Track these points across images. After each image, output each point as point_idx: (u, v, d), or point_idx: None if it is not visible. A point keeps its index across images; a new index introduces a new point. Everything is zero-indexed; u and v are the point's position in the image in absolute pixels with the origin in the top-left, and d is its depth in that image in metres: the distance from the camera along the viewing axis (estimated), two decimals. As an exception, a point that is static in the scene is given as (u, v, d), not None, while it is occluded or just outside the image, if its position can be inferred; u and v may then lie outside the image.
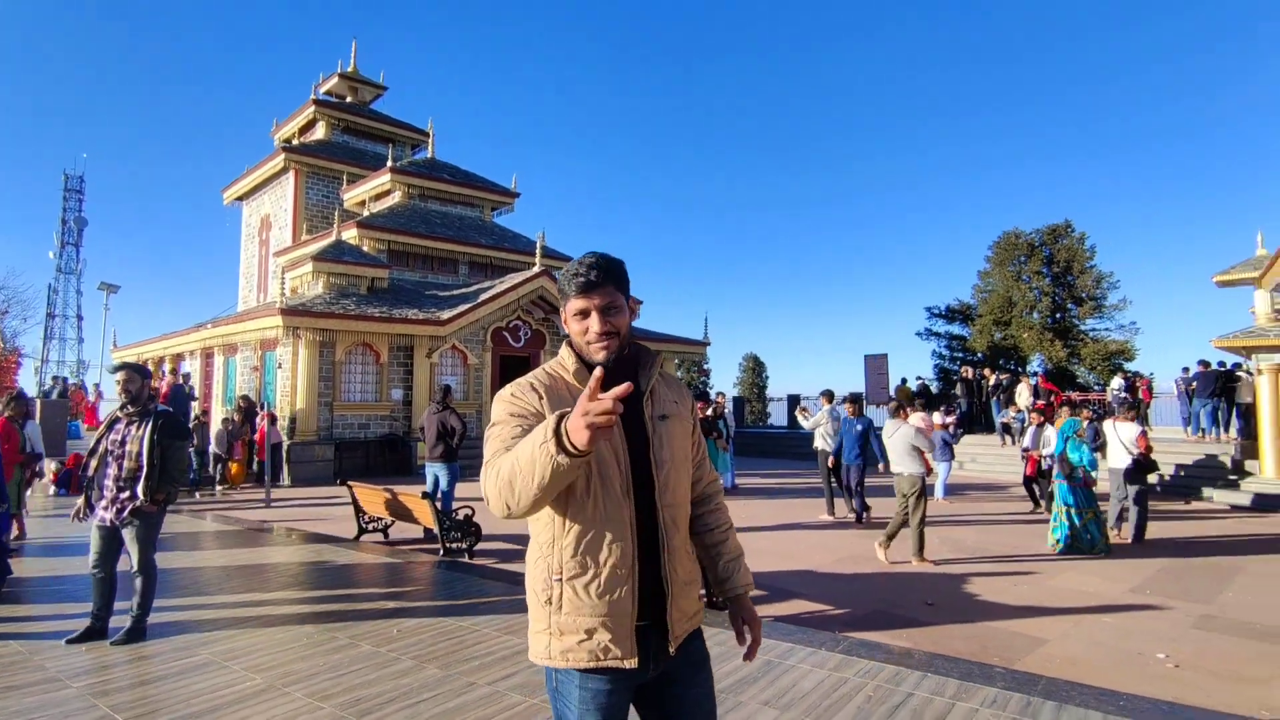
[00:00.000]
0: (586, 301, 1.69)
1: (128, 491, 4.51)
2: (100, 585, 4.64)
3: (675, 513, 1.73)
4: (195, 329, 20.37)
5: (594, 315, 1.69)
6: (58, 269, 55.90)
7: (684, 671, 1.75)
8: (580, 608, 1.61)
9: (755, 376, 43.95)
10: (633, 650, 1.61)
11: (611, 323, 1.70)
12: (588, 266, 1.69)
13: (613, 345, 1.71)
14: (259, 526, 9.57)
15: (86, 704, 3.61)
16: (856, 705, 3.55)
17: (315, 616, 5.24)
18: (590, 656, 1.60)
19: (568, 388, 1.71)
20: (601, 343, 1.70)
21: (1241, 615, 6.04)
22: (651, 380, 1.77)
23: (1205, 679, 4.59)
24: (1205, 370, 15.37)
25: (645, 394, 1.75)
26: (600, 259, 1.71)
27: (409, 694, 3.72)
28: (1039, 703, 3.56)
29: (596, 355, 1.72)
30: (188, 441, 4.87)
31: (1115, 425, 9.67)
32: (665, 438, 1.73)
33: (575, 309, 1.71)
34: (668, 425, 1.75)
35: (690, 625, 1.74)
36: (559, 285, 1.77)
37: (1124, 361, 31.31)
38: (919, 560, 7.69)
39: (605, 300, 1.69)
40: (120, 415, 4.70)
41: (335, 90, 27.39)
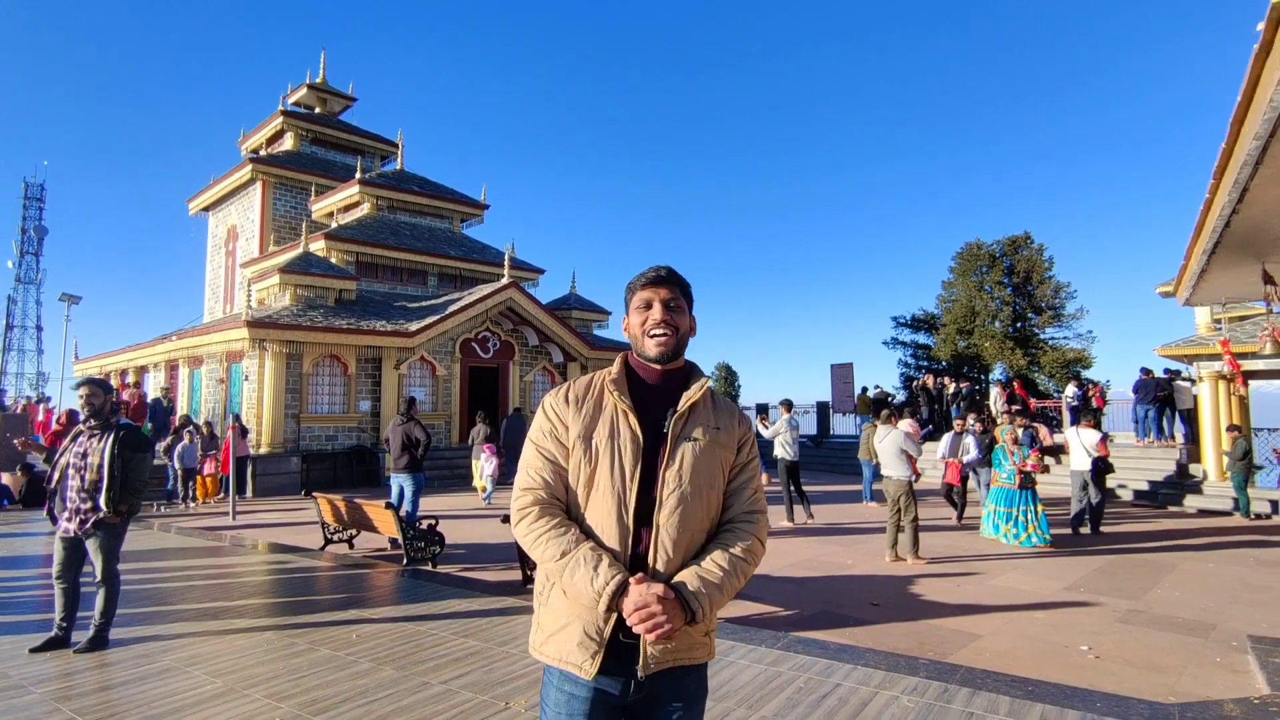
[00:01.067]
0: (653, 293, 1.74)
1: (90, 503, 4.62)
2: (64, 595, 4.74)
3: (675, 536, 1.63)
4: (159, 341, 20.16)
5: (657, 304, 1.73)
6: (17, 279, 54.57)
7: (670, 704, 1.68)
8: (561, 608, 1.64)
9: (727, 385, 44.37)
10: (592, 661, 1.59)
11: (672, 316, 1.73)
12: (658, 267, 1.78)
13: (668, 342, 1.72)
14: (224, 538, 9.59)
15: (49, 709, 3.72)
16: (787, 696, 3.80)
17: (277, 624, 5.37)
18: (555, 655, 1.64)
19: (600, 396, 1.72)
20: (660, 333, 1.72)
21: (1166, 610, 6.41)
22: (691, 400, 1.72)
23: (1122, 668, 4.93)
24: (1147, 378, 16.01)
25: (674, 415, 1.70)
26: (669, 267, 1.79)
27: (365, 693, 3.90)
28: (955, 689, 3.85)
29: (651, 349, 1.73)
30: (149, 454, 4.97)
31: (1079, 431, 10.40)
32: (684, 459, 1.67)
33: (640, 301, 1.75)
34: (692, 448, 1.68)
35: (676, 657, 1.64)
36: (627, 287, 1.81)
37: (1081, 369, 32.30)
38: (914, 558, 8.05)
39: (670, 295, 1.75)
40: (83, 429, 4.81)
41: (304, 101, 27.34)
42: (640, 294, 1.75)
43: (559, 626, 1.64)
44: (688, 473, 1.65)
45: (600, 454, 1.66)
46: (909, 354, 38.09)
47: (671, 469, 1.65)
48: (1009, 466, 9.59)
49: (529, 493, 1.68)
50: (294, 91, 27.26)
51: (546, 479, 1.68)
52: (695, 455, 1.67)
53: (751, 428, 1.84)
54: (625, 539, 1.61)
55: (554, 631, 1.64)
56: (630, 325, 1.77)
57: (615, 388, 1.71)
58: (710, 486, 1.69)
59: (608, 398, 1.72)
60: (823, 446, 22.19)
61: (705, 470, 1.68)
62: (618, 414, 1.69)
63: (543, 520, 1.64)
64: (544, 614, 1.69)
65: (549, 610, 1.67)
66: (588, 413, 1.70)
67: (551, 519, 1.64)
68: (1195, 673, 4.87)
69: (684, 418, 1.70)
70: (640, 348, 1.75)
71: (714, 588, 1.59)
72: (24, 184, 54.76)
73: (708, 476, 1.68)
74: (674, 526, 1.62)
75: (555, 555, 1.58)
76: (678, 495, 1.63)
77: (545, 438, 1.71)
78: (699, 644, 1.69)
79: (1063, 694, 3.83)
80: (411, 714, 3.63)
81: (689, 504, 1.64)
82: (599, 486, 1.64)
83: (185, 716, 3.61)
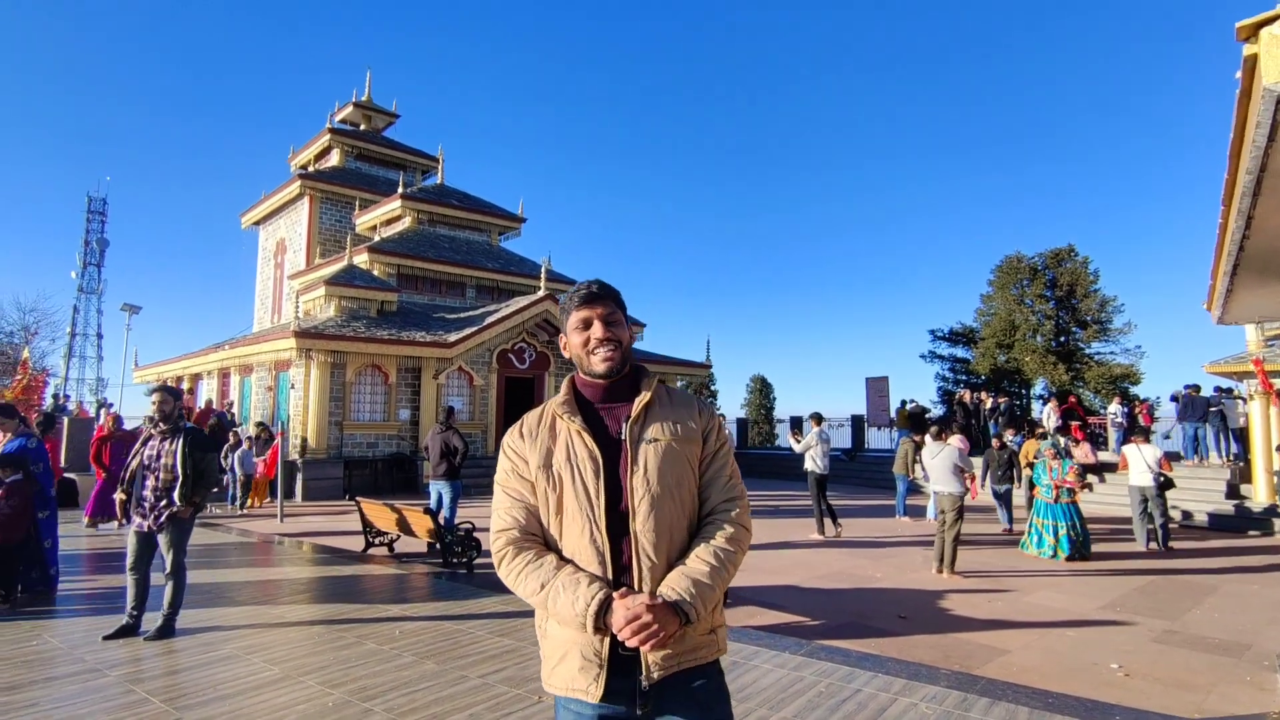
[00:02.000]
0: (590, 311, 1.74)
1: (165, 500, 5.02)
2: (135, 585, 5.15)
3: (652, 541, 1.61)
4: (213, 349, 21.05)
5: (596, 322, 1.73)
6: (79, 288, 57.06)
7: (684, 709, 1.63)
8: (558, 638, 1.64)
9: (762, 398, 44.23)
10: (596, 684, 1.57)
11: (613, 331, 1.73)
12: (589, 283, 1.78)
13: (614, 356, 1.72)
14: (273, 540, 10.04)
15: (124, 689, 4.07)
16: (807, 699, 3.95)
17: (326, 619, 5.70)
18: (562, 684, 1.63)
19: (552, 423, 1.74)
20: (604, 350, 1.72)
21: (1202, 631, 6.34)
22: (643, 401, 1.72)
23: (1151, 686, 4.94)
24: (1194, 395, 15.65)
25: (631, 421, 1.70)
26: (600, 280, 1.80)
27: (408, 683, 4.17)
28: (974, 699, 3.95)
29: (597, 366, 1.73)
30: (216, 454, 5.41)
31: (1140, 448, 10.54)
32: (648, 462, 1.65)
33: (578, 320, 1.75)
34: (654, 449, 1.67)
35: (680, 661, 1.61)
36: (561, 308, 1.83)
37: (1129, 385, 31.46)
38: (949, 573, 8.14)
39: (606, 311, 1.75)
40: (154, 432, 5.21)
41: (350, 118, 28.33)
42: (577, 314, 1.75)
43: (560, 656, 1.63)
44: (654, 474, 1.64)
45: (563, 478, 1.66)
46: (946, 368, 37.56)
47: (637, 475, 1.63)
48: (1047, 480, 9.62)
49: (502, 534, 1.68)
50: (340, 110, 28.29)
51: (517, 517, 1.69)
52: (659, 456, 1.66)
53: (715, 415, 1.82)
54: (603, 557, 1.60)
55: (556, 662, 1.63)
56: (572, 345, 1.77)
57: (565, 410, 1.71)
58: (680, 484, 1.67)
59: (560, 423, 1.72)
60: (857, 460, 22.06)
61: (672, 468, 1.66)
62: (572, 436, 1.69)
63: (520, 558, 1.63)
64: (546, 646, 1.68)
65: (549, 641, 1.66)
66: (543, 442, 1.70)
67: (526, 554, 1.64)
68: (1223, 691, 4.86)
69: (639, 421, 1.69)
70: (587, 366, 1.75)
71: (703, 585, 1.56)
72: (87, 198, 57.38)
73: (675, 474, 1.66)
74: (651, 531, 1.61)
75: (535, 589, 1.58)
76: (649, 500, 1.62)
77: (509, 476, 1.73)
78: (703, 643, 1.65)
79: (1082, 707, 3.90)
80: (452, 703, 3.88)
81: (661, 506, 1.62)
82: (567, 511, 1.64)
83: (249, 698, 3.92)
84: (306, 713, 3.74)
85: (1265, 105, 1.94)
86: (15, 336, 29.07)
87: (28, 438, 6.37)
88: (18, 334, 29.23)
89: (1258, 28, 1.88)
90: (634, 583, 1.59)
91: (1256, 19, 1.88)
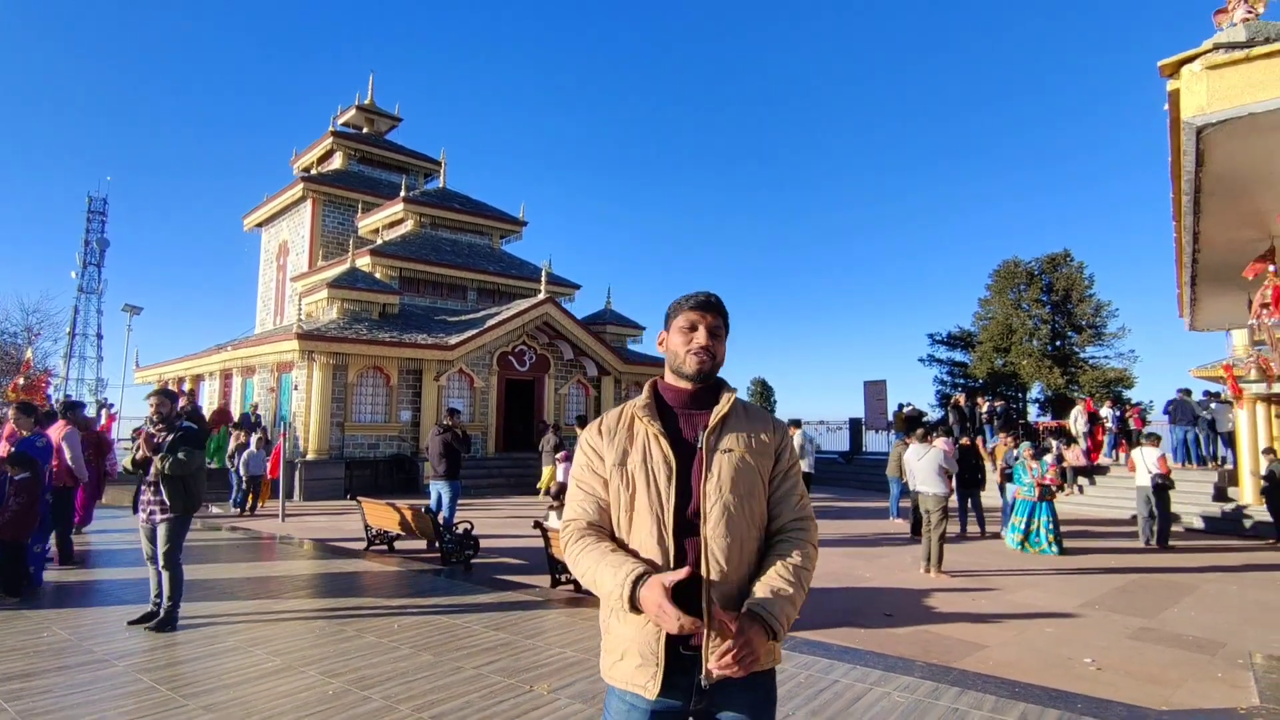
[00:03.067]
0: (700, 316, 1.82)
1: (158, 496, 5.24)
2: (156, 575, 5.39)
3: (725, 545, 1.67)
4: (215, 351, 21.24)
5: (703, 329, 1.81)
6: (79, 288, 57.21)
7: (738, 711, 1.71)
8: (621, 634, 1.71)
9: (763, 400, 44.49)
10: (654, 681, 1.64)
11: (714, 343, 1.82)
12: (707, 293, 1.86)
13: (706, 364, 1.80)
14: (275, 538, 10.22)
15: (132, 678, 4.26)
16: (787, 689, 4.13)
17: (326, 614, 5.89)
18: (622, 679, 1.71)
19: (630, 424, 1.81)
20: (699, 356, 1.80)
21: (1178, 629, 6.51)
22: (721, 413, 1.79)
23: (1122, 679, 5.11)
24: (1184, 400, 15.81)
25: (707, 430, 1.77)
26: (716, 295, 1.88)
27: (405, 674, 4.35)
28: (945, 688, 4.13)
29: (690, 365, 1.80)
30: (203, 451, 5.56)
31: (1142, 450, 11.02)
32: (722, 471, 1.72)
33: (686, 321, 1.82)
34: (728, 459, 1.74)
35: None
36: (670, 308, 1.89)
37: (1123, 389, 31.66)
38: (936, 572, 8.32)
39: (715, 322, 1.84)
40: (153, 432, 5.39)
41: (352, 121, 28.56)
42: (687, 314, 1.83)
43: (620, 653, 1.70)
44: (727, 483, 1.71)
45: (636, 478, 1.73)
46: (945, 371, 37.81)
47: (711, 481, 1.71)
48: (1028, 480, 9.89)
49: (572, 523, 1.78)
50: (343, 113, 28.51)
51: (587, 509, 1.78)
52: (733, 465, 1.73)
53: (788, 435, 1.89)
54: (668, 556, 1.67)
55: (617, 659, 1.71)
56: (671, 342, 1.85)
57: (645, 414, 1.79)
58: (751, 495, 1.74)
59: (639, 424, 1.79)
60: (854, 463, 22.24)
61: (744, 479, 1.73)
62: (649, 439, 1.77)
63: (581, 541, 1.73)
64: (607, 640, 1.75)
65: (610, 637, 1.74)
66: (621, 441, 1.78)
67: (589, 539, 1.73)
68: (1193, 686, 5.02)
69: (716, 431, 1.76)
70: (679, 364, 1.82)
71: (786, 601, 1.63)
72: (88, 198, 57.57)
73: (748, 485, 1.73)
74: (721, 536, 1.67)
75: (587, 568, 1.68)
76: (720, 505, 1.68)
77: (584, 471, 1.82)
78: (765, 651, 1.67)
79: (1047, 695, 4.08)
80: (446, 692, 4.06)
81: (733, 513, 1.69)
82: (638, 510, 1.71)
83: (252, 686, 4.11)
84: (307, 700, 3.92)
85: (1188, 136, 2.13)
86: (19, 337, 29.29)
87: (39, 437, 6.55)
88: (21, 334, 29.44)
89: (1179, 65, 2.07)
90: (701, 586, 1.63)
91: (1178, 58, 2.06)
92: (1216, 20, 2.19)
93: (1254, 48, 1.98)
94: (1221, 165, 2.38)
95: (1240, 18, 2.10)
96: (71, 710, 3.76)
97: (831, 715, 3.76)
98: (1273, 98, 1.94)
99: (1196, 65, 2.04)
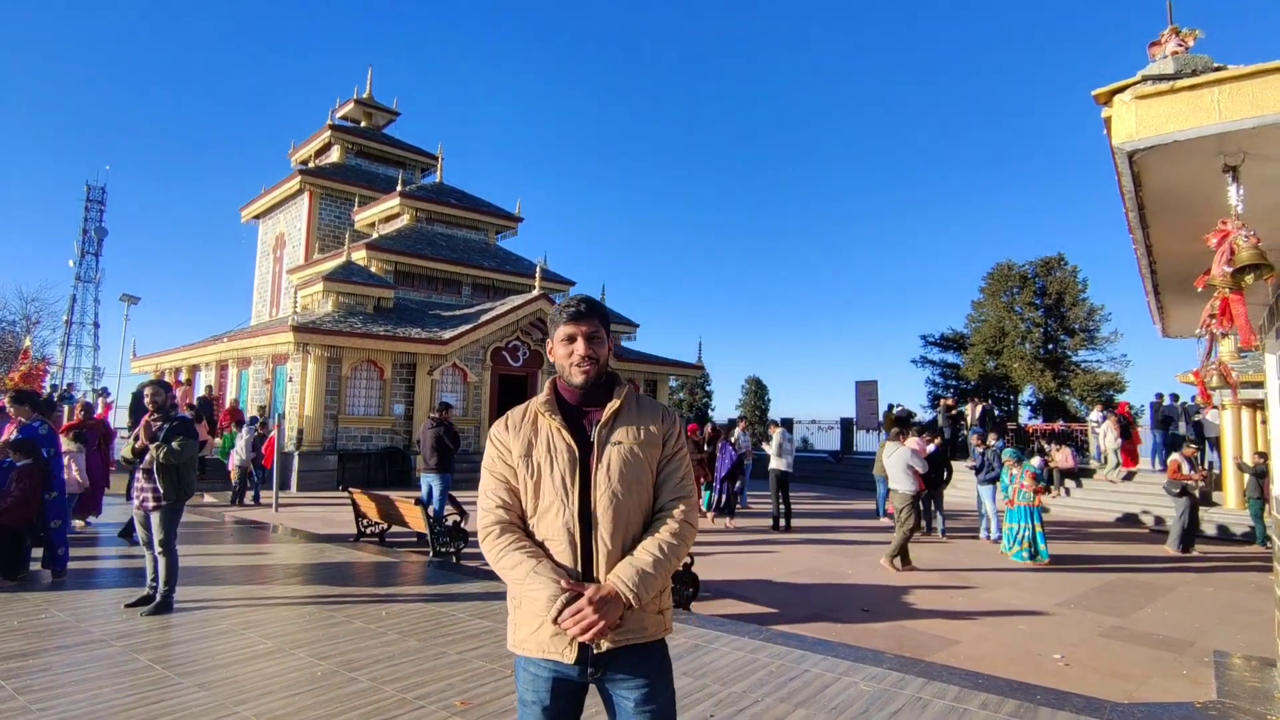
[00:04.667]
0: (575, 328, 1.93)
1: (151, 484, 5.40)
2: (152, 561, 5.55)
3: (611, 529, 1.84)
4: (211, 341, 21.33)
5: (580, 340, 1.92)
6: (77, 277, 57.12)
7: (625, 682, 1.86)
8: (533, 610, 1.83)
9: (757, 399, 44.61)
10: (571, 649, 1.79)
11: (593, 349, 1.93)
12: (578, 301, 1.97)
13: (591, 370, 1.93)
14: (268, 527, 10.37)
15: (128, 657, 4.41)
16: (758, 677, 4.30)
17: (317, 600, 6.05)
18: (536, 648, 1.84)
19: (534, 419, 1.96)
20: (583, 366, 1.92)
21: (1149, 628, 6.68)
22: (613, 409, 1.93)
23: (1088, 674, 5.29)
24: (1172, 405, 16.03)
25: (601, 424, 1.92)
26: (589, 298, 2.00)
27: (391, 658, 4.51)
28: (911, 679, 4.30)
29: (576, 378, 1.93)
30: (195, 440, 5.65)
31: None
32: (610, 462, 1.88)
33: (564, 334, 1.94)
34: (618, 451, 1.89)
35: (628, 637, 1.83)
36: (550, 319, 2.00)
37: (1114, 393, 31.92)
38: (902, 567, 8.54)
39: (590, 329, 1.94)
40: (149, 421, 5.54)
41: (350, 115, 28.61)
42: (564, 327, 1.94)
43: (538, 624, 1.83)
44: (616, 473, 1.87)
45: (541, 467, 1.89)
46: (937, 373, 38.04)
47: (601, 471, 1.86)
48: (1014, 487, 10.06)
49: (488, 514, 1.91)
50: (341, 106, 28.56)
51: (503, 497, 1.91)
52: (621, 457, 1.88)
53: (677, 422, 2.04)
54: (573, 541, 1.83)
55: (534, 629, 1.84)
56: (556, 355, 1.97)
57: (547, 409, 1.94)
58: (639, 482, 1.90)
59: (541, 420, 1.95)
60: (844, 462, 22.43)
61: (632, 469, 1.88)
62: (552, 431, 1.92)
63: (503, 539, 1.85)
64: (520, 615, 1.89)
65: (524, 611, 1.87)
66: (525, 434, 1.93)
67: (509, 535, 1.86)
68: (1157, 682, 5.20)
69: (608, 425, 1.92)
70: (567, 376, 1.96)
71: (647, 575, 1.79)
72: (86, 187, 57.46)
73: (635, 474, 1.89)
74: (609, 522, 1.84)
75: (511, 567, 1.81)
76: (609, 494, 1.85)
77: (495, 462, 1.96)
78: (652, 622, 1.87)
79: (1008, 686, 4.25)
80: (430, 674, 4.22)
81: (620, 501, 1.85)
82: (544, 496, 1.87)
83: (243, 667, 4.27)
84: (296, 680, 4.08)
85: (1121, 159, 2.29)
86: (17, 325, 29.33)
87: (40, 424, 6.68)
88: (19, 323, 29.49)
89: (1112, 95, 2.23)
90: (594, 565, 1.83)
91: (1111, 88, 2.22)
92: (1151, 53, 2.35)
93: (1178, 80, 2.13)
94: (1158, 185, 2.54)
95: (1170, 51, 2.26)
96: (68, 688, 3.91)
97: (799, 702, 3.93)
98: (1193, 126, 2.10)
99: (1126, 95, 2.19)
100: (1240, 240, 2.33)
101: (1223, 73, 2.10)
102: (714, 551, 9.59)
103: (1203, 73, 2.13)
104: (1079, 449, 18.55)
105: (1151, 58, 2.28)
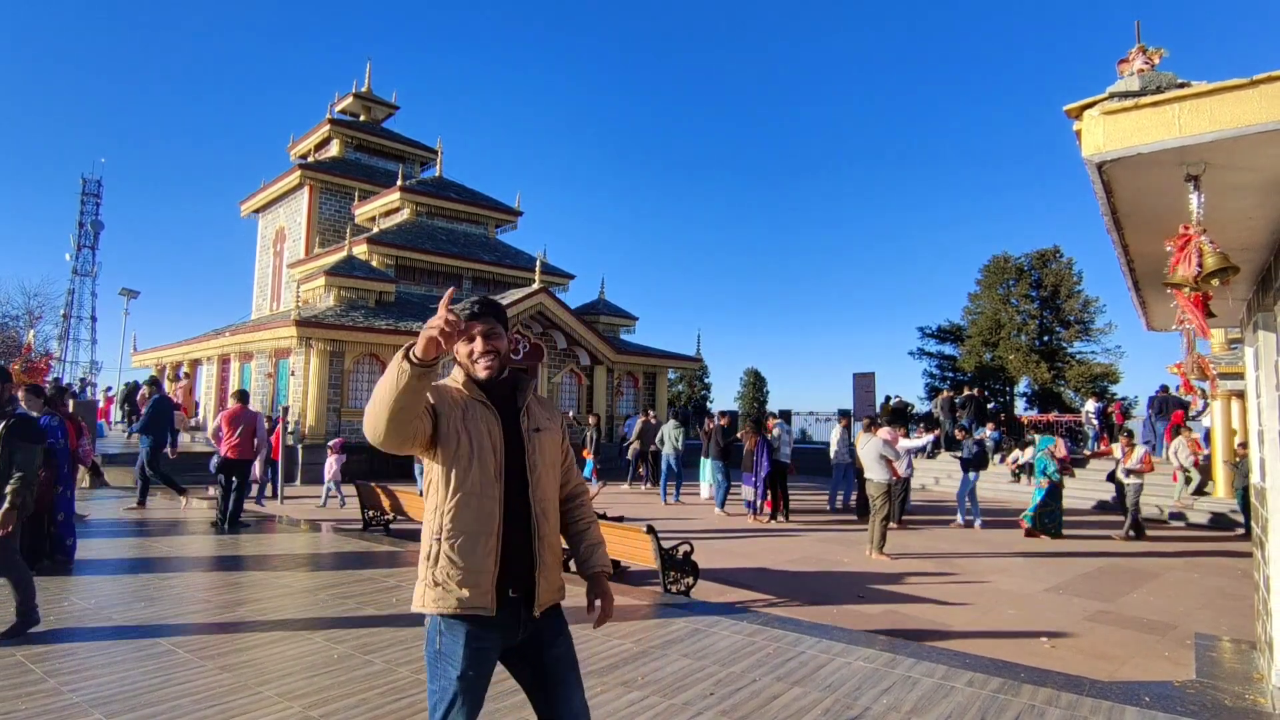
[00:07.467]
0: (469, 326, 2.06)
1: None
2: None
3: (545, 506, 2.10)
4: (213, 335, 21.47)
5: (478, 337, 2.08)
6: (73, 271, 57.11)
7: (549, 635, 2.09)
8: (451, 564, 1.95)
9: (756, 391, 44.80)
10: (491, 602, 1.95)
11: (492, 344, 2.09)
12: (473, 302, 2.10)
13: (494, 365, 2.09)
14: (276, 519, 10.55)
15: (151, 642, 4.59)
16: (756, 659, 4.49)
17: (328, 588, 6.24)
18: (456, 604, 1.94)
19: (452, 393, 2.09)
20: (484, 360, 2.08)
21: (1134, 612, 6.90)
22: (527, 400, 2.14)
23: (1073, 656, 5.49)
24: (1165, 395, 16.24)
25: (521, 411, 2.13)
26: (484, 298, 2.16)
27: (405, 641, 4.71)
28: (901, 659, 4.50)
29: (480, 373, 2.09)
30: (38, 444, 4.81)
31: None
32: (538, 447, 2.10)
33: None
34: (540, 437, 2.12)
35: (555, 596, 2.11)
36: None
37: (1109, 384, 32.17)
38: (877, 554, 8.71)
39: (487, 327, 2.08)
40: None
41: (350, 109, 28.63)
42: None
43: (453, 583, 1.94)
44: (543, 456, 2.12)
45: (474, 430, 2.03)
46: (934, 365, 38.27)
47: (534, 453, 2.10)
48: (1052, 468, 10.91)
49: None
50: (341, 100, 28.58)
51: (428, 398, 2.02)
52: (543, 443, 2.13)
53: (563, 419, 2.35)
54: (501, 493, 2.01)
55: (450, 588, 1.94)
56: (458, 353, 2.10)
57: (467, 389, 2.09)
58: (555, 465, 2.19)
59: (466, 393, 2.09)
60: (840, 454, 22.60)
61: (551, 454, 2.16)
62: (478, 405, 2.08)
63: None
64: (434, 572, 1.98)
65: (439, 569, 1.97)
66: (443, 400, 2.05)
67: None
68: (1138, 663, 5.41)
69: (527, 414, 2.14)
70: (472, 373, 2.12)
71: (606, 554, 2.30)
72: (82, 180, 57.34)
73: (552, 458, 2.17)
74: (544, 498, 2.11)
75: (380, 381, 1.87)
76: (540, 473, 2.10)
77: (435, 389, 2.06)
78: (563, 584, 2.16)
79: (994, 666, 4.46)
80: (443, 657, 4.41)
81: (548, 479, 2.14)
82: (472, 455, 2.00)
83: (263, 650, 4.46)
84: (314, 663, 4.27)
85: (1091, 170, 2.46)
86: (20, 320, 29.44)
87: (50, 416, 6.84)
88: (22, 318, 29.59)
89: (1082, 109, 2.40)
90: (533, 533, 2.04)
91: (1081, 103, 2.39)
92: (1120, 69, 2.51)
93: (1142, 97, 2.30)
94: (1128, 192, 2.71)
95: (1138, 68, 2.43)
96: (95, 670, 4.09)
97: (795, 681, 4.12)
98: (1155, 140, 2.27)
99: (1095, 111, 2.36)
100: (1205, 245, 2.51)
101: (1184, 90, 2.27)
102: (714, 540, 9.80)
103: (1166, 89, 2.30)
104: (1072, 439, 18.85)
105: (1120, 74, 2.45)
